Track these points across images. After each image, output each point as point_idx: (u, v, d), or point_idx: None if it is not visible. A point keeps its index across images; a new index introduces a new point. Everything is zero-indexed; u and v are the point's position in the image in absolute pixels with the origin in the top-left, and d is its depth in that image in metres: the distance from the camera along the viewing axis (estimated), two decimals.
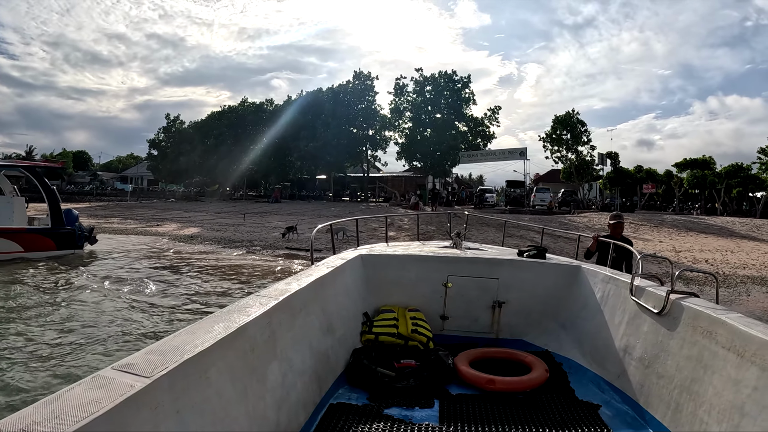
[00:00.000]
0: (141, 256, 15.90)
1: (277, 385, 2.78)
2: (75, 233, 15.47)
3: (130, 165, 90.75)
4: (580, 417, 3.43)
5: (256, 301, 2.93)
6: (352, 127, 45.73)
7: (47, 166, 21.46)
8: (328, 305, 4.03)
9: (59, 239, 15.15)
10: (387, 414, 3.42)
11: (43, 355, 6.41)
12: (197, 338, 2.15)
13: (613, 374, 3.92)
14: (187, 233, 23.07)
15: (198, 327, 2.32)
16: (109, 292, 10.19)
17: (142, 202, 49.32)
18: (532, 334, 5.17)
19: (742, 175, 42.66)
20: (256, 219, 29.12)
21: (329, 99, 46.65)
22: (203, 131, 55.44)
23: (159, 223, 27.79)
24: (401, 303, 5.14)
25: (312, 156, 45.92)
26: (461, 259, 5.48)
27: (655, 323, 3.53)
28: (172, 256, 16.05)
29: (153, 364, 1.81)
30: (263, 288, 3.42)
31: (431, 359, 4.23)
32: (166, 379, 1.75)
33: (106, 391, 1.55)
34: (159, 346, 2.02)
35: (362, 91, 46.40)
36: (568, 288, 5.08)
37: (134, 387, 1.61)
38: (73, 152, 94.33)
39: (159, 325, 7.90)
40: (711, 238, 20.83)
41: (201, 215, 33.07)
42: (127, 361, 1.82)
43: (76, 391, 1.54)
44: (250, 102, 56.87)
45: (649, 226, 24.71)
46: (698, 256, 16.74)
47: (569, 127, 42.26)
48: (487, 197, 42.44)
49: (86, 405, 1.46)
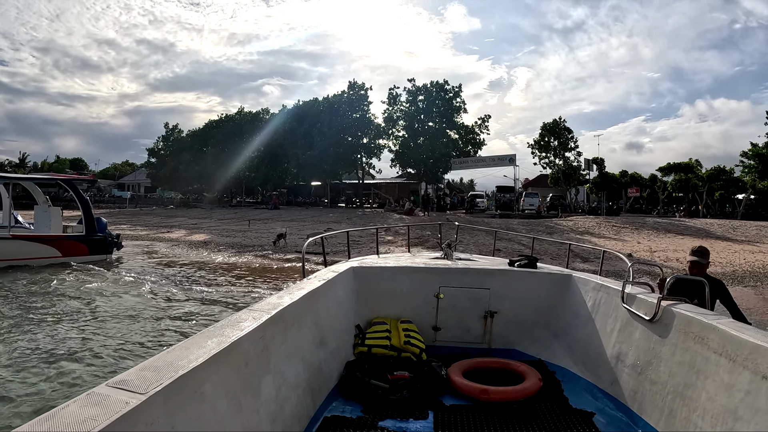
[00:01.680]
0: (165, 261, 17.41)
1: (272, 399, 2.81)
2: (106, 240, 16.95)
3: (126, 172, 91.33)
4: (575, 425, 3.47)
5: (249, 315, 2.96)
6: (348, 136, 47.36)
7: (81, 178, 22.94)
8: (321, 318, 4.07)
9: (92, 245, 16.58)
10: (381, 426, 3.45)
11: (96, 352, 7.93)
12: (191, 353, 2.15)
13: (606, 381, 3.96)
14: (198, 239, 24.51)
15: (191, 342, 2.34)
16: (144, 290, 11.72)
17: (142, 209, 50.50)
18: (525, 343, 5.19)
19: (724, 178, 44.54)
20: (260, 225, 30.40)
21: (325, 109, 48.31)
22: (201, 139, 56.85)
23: (169, 230, 29.13)
24: (393, 315, 5.19)
25: (309, 164, 47.51)
26: (452, 270, 5.53)
27: (647, 330, 3.56)
28: (196, 260, 17.57)
29: (147, 380, 1.82)
30: (255, 302, 3.48)
31: (424, 370, 4.26)
32: (161, 396, 1.76)
33: (101, 408, 1.56)
34: (153, 362, 2.03)
35: (357, 100, 48.11)
36: (559, 297, 5.12)
37: (129, 404, 1.62)
38: (69, 160, 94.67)
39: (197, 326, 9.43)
40: (687, 239, 22.51)
41: (206, 222, 34.35)
42: (122, 377, 1.83)
43: (71, 408, 1.56)
44: (246, 111, 58.37)
45: (631, 228, 26.45)
46: (671, 256, 18.41)
47: (556, 134, 44.15)
48: (478, 202, 44.19)
49: (82, 422, 1.46)
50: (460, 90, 46.86)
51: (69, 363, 6.64)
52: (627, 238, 23.18)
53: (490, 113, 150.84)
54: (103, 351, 7.16)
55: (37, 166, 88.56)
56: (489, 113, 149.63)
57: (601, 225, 27.80)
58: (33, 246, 15.07)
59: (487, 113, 49.40)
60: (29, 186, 18.05)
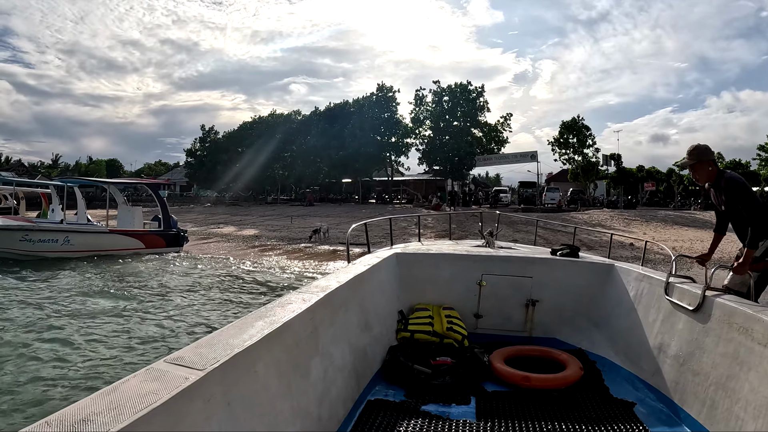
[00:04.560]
0: (235, 252, 20.41)
1: (319, 381, 2.85)
2: (179, 234, 20.03)
3: (160, 172, 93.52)
4: (615, 414, 3.45)
5: (299, 297, 3.01)
6: (377, 135, 50.26)
7: (159, 182, 26.65)
8: (366, 303, 4.12)
9: (168, 239, 19.74)
10: (424, 410, 3.48)
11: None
12: (244, 333, 2.21)
13: (647, 372, 3.95)
14: (249, 233, 27.51)
15: (243, 322, 2.40)
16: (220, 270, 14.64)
17: (181, 207, 53.47)
18: (566, 332, 5.20)
19: (740, 172, 46.01)
20: (299, 221, 32.95)
21: (356, 110, 51.43)
22: (236, 140, 60.27)
23: (219, 226, 32.13)
24: (435, 301, 5.24)
25: (341, 163, 50.69)
26: (495, 257, 5.57)
27: (690, 321, 3.54)
28: (268, 249, 20.55)
29: (204, 357, 1.87)
30: (303, 285, 3.57)
31: (467, 356, 4.31)
32: (218, 372, 1.81)
33: (161, 383, 1.61)
34: (208, 341, 2.09)
35: (385, 102, 51.00)
36: (601, 286, 5.12)
37: (189, 379, 1.67)
38: (105, 161, 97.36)
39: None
40: (690, 231, 24.55)
41: (249, 218, 36.96)
42: (179, 354, 1.90)
43: (131, 382, 1.61)
44: (278, 113, 61.51)
45: (641, 221, 28.56)
46: (669, 245, 20.64)
47: (575, 132, 46.23)
48: (501, 197, 46.15)
49: (143, 396, 1.51)
50: (483, 91, 49.23)
51: (175, 315, 9.52)
52: (635, 230, 25.35)
53: (515, 107, 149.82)
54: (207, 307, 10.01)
55: (68, 166, 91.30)
56: (514, 107, 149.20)
57: (614, 218, 29.92)
58: (124, 239, 18.26)
59: (512, 107, 52.45)
60: (112, 189, 21.22)
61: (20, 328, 8.18)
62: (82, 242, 16.81)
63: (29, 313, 9.20)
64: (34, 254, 15.54)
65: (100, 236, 17.60)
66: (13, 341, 7.47)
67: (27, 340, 7.54)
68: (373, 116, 50.22)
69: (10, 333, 7.89)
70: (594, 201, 47.00)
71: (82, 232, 17.09)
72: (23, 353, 7.00)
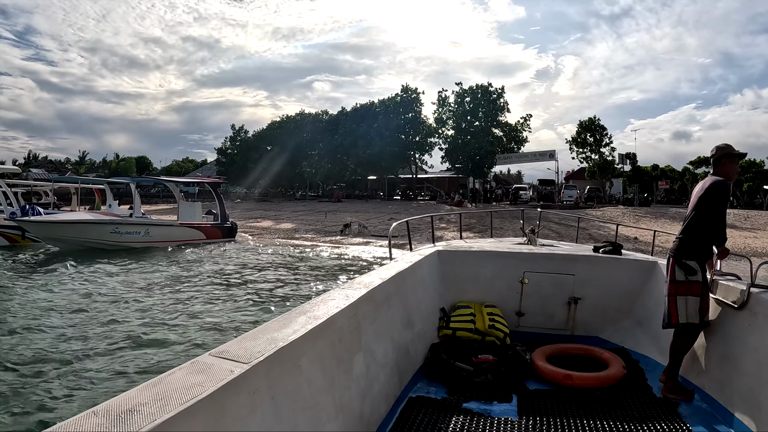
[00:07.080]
0: (276, 240, 23.14)
1: (362, 376, 2.88)
2: (233, 227, 22.82)
3: (189, 169, 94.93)
4: (659, 414, 3.40)
5: (342, 293, 3.04)
6: (401, 135, 52.81)
7: (218, 181, 30.41)
8: (408, 299, 4.10)
9: (224, 231, 22.62)
10: (466, 408, 3.49)
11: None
12: (288, 327, 2.24)
13: (691, 371, 3.85)
14: (287, 227, 30.16)
15: (286, 317, 2.43)
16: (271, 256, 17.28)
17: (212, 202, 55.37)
18: (608, 330, 5.14)
19: (754, 171, 47.38)
20: (331, 216, 35.09)
21: (381, 111, 54.09)
22: (265, 139, 63.39)
23: (258, 220, 34.73)
24: (477, 299, 5.19)
25: (368, 162, 53.53)
26: (537, 255, 5.50)
27: (736, 318, 3.46)
28: (298, 239, 23.22)
29: (249, 351, 1.91)
30: (346, 281, 3.66)
31: (509, 354, 4.27)
32: (263, 366, 1.84)
33: (207, 376, 1.64)
34: (252, 335, 2.12)
35: (409, 103, 53.54)
36: (644, 284, 5.02)
37: (234, 372, 1.70)
38: (134, 158, 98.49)
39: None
40: None
41: (282, 213, 39.44)
42: (223, 348, 1.94)
43: (177, 374, 1.65)
44: (306, 112, 64.30)
45: (651, 218, 30.33)
46: (671, 238, 22.65)
47: (592, 131, 48.04)
48: (521, 194, 47.42)
49: (189, 388, 1.54)
50: (503, 92, 51.33)
51: (247, 288, 12.00)
52: (643, 226, 27.14)
53: (537, 103, 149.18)
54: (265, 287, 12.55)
55: (94, 163, 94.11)
56: (536, 103, 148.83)
57: (625, 215, 31.69)
58: (191, 231, 21.21)
59: (534, 103, 54.37)
60: (172, 186, 24.09)
61: (129, 310, 9.48)
62: (159, 234, 19.80)
63: (133, 295, 10.79)
64: (121, 245, 18.42)
65: (172, 229, 20.56)
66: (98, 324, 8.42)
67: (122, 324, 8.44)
68: (398, 116, 52.87)
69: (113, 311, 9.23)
70: (610, 198, 48.57)
71: (159, 225, 20.14)
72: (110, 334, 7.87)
